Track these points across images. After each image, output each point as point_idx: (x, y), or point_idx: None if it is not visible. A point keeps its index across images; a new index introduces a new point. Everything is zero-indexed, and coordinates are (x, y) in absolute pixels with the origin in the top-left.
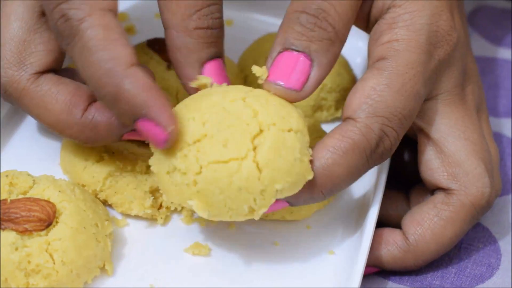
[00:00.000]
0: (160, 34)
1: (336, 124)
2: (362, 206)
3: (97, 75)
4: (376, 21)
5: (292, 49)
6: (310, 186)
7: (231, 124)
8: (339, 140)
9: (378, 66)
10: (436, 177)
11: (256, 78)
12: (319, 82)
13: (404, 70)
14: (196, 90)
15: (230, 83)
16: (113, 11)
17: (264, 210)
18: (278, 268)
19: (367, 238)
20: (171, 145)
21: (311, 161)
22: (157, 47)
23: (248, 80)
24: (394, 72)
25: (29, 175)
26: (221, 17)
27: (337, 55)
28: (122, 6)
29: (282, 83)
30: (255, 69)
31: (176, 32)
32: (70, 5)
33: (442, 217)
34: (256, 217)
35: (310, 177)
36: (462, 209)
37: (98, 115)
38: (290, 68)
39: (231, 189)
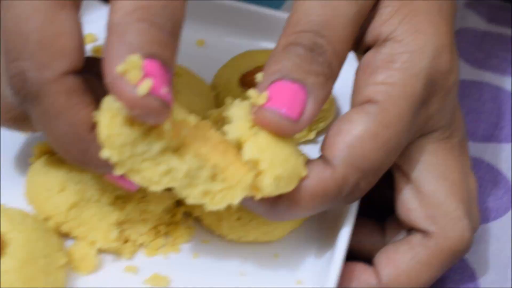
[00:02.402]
0: None
1: (307, 146)
2: (332, 234)
3: (61, 141)
4: (368, 48)
5: (288, 79)
6: (269, 205)
7: None
8: (313, 182)
9: (367, 110)
10: (413, 218)
11: (227, 94)
12: (314, 117)
13: (393, 122)
14: (119, 86)
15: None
16: (77, 70)
17: None
18: None
19: (335, 271)
20: None
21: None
22: None
23: (219, 97)
24: (383, 124)
25: None
26: (178, 20)
27: (330, 92)
28: (92, 27)
29: (278, 110)
30: (251, 93)
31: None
32: (30, 66)
33: (419, 261)
34: None
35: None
36: (440, 253)
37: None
38: (287, 96)
39: None
